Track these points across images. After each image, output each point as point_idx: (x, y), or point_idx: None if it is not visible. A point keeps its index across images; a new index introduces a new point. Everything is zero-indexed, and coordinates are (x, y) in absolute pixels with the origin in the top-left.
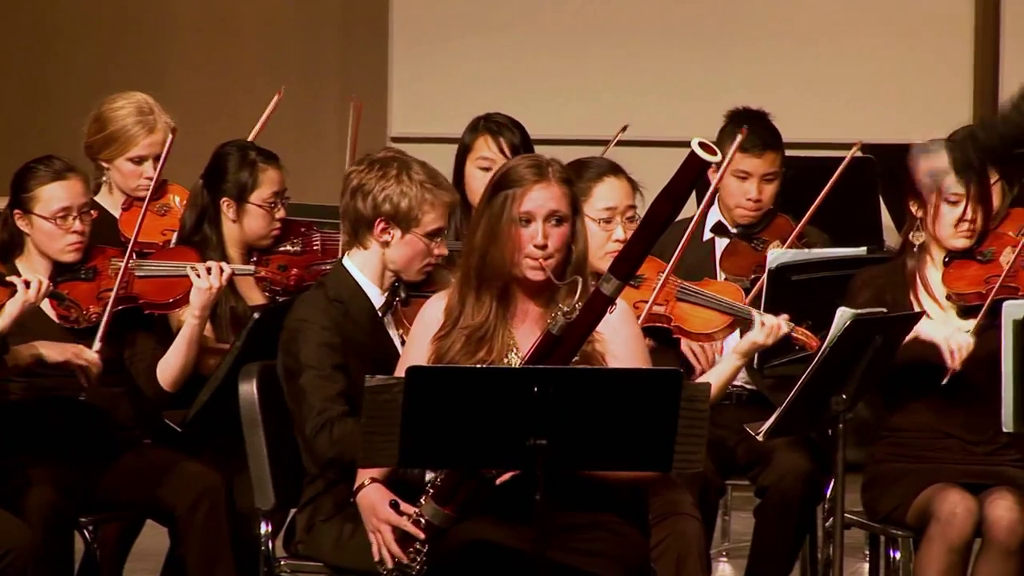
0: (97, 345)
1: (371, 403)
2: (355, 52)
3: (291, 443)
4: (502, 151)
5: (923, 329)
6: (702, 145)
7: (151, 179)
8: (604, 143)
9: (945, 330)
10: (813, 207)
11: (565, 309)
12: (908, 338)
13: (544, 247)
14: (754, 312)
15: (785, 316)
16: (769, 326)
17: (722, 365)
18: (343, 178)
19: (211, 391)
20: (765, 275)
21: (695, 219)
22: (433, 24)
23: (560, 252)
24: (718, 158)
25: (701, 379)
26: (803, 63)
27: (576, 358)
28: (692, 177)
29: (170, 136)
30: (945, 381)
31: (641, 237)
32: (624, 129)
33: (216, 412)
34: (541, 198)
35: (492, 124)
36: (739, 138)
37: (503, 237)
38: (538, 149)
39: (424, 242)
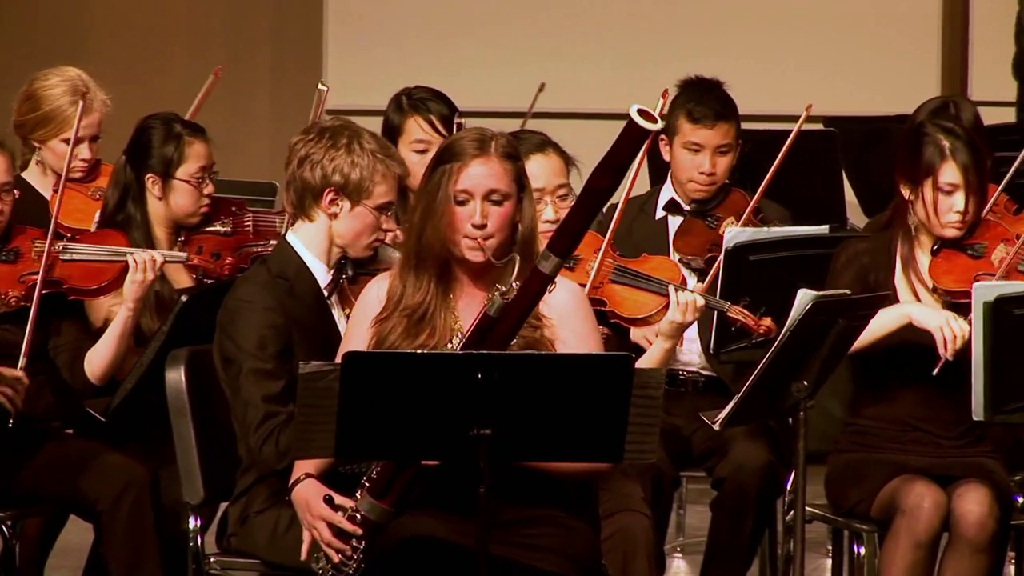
0: (22, 361)
1: (306, 391)
2: (288, 21)
3: (221, 433)
4: (436, 129)
5: (916, 315)
6: (641, 112)
7: (86, 161)
8: (544, 115)
9: (939, 318)
10: (767, 178)
11: (502, 289)
12: (898, 323)
13: (482, 227)
14: (670, 288)
15: (701, 287)
16: (684, 303)
17: (651, 351)
18: (289, 147)
19: (136, 378)
20: (721, 255)
21: (624, 199)
22: None
23: (502, 232)
24: (658, 126)
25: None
26: (762, 31)
27: (521, 343)
28: (631, 147)
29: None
30: (936, 372)
31: (580, 211)
32: (542, 88)
33: (142, 400)
34: (479, 175)
35: (417, 101)
36: (661, 102)
37: (439, 215)
38: (475, 121)
39: (374, 215)
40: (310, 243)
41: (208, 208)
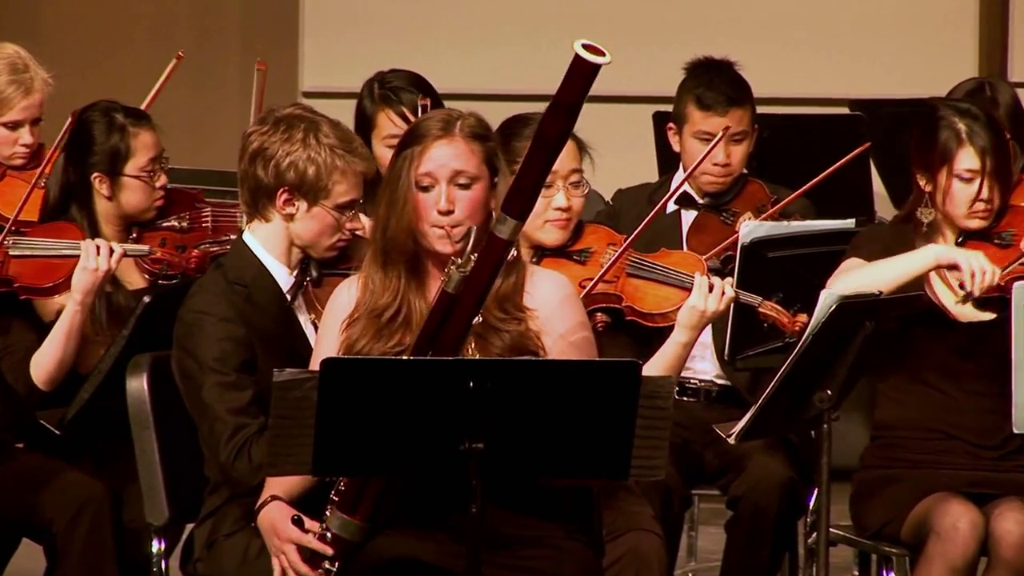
0: None
1: (280, 401)
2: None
3: (187, 447)
4: (408, 121)
5: (941, 252)
6: (587, 47)
7: (28, 146)
8: (533, 98)
9: (967, 252)
10: (805, 188)
11: (458, 262)
12: (923, 263)
13: (449, 212)
14: (697, 276)
15: (731, 281)
16: (711, 287)
17: (667, 345)
18: (242, 139)
19: (94, 387)
20: (738, 251)
21: (663, 201)
22: None
23: (472, 219)
24: (607, 59)
25: (646, 366)
26: (782, 6)
27: (507, 340)
28: (581, 85)
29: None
30: (959, 301)
31: (533, 164)
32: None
33: (100, 411)
34: (443, 156)
35: (388, 92)
36: (721, 134)
37: (403, 204)
38: (458, 105)
39: (334, 216)
40: (268, 244)
41: (163, 201)
